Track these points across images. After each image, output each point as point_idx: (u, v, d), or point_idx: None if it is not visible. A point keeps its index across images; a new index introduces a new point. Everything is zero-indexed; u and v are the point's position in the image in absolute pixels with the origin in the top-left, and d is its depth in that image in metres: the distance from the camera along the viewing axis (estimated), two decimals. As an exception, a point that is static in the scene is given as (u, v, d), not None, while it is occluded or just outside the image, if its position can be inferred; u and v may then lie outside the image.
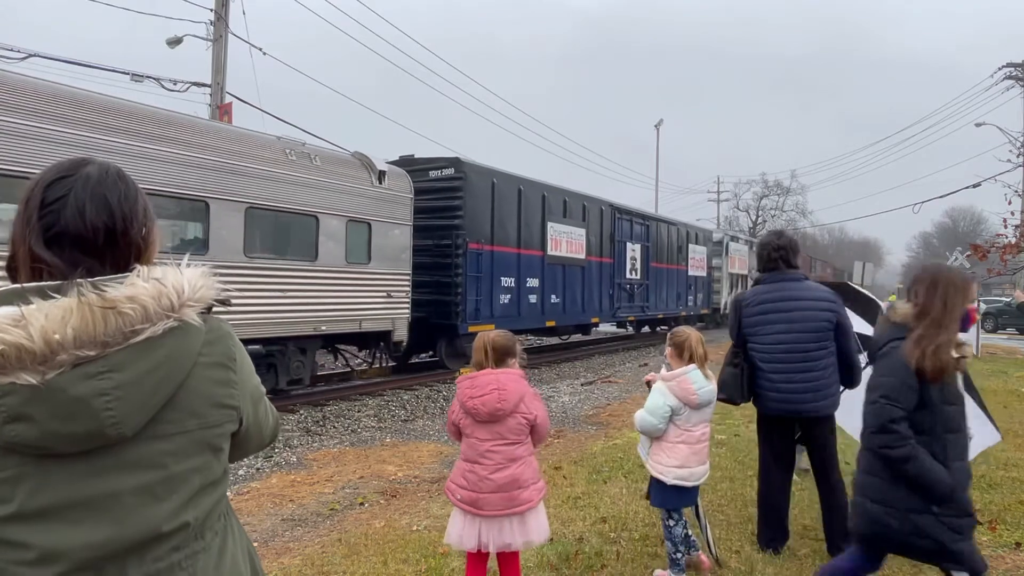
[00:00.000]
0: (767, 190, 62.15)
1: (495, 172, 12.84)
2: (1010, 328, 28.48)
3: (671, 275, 21.11)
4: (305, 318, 8.89)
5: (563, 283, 14.85)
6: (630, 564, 3.62)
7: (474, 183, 12.09)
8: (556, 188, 15.06)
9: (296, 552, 3.94)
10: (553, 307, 14.54)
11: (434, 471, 5.87)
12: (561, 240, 14.75)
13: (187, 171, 7.58)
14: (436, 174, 12.05)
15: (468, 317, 11.76)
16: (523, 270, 13.43)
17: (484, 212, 12.36)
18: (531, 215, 13.74)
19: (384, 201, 10.25)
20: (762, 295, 3.81)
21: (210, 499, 1.09)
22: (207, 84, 15.17)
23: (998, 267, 17.92)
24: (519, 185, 13.45)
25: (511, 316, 12.99)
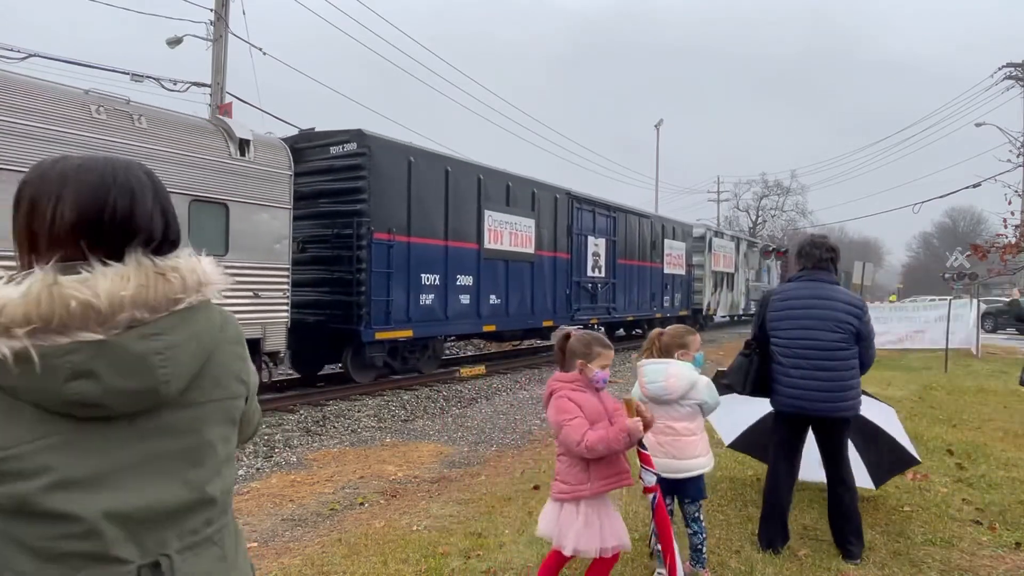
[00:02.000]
0: (767, 190, 62.23)
1: (412, 149, 10.97)
2: (1009, 328, 28.47)
3: (643, 273, 19.05)
4: None
5: (506, 281, 13.02)
6: (630, 564, 3.62)
7: (382, 161, 10.20)
8: (497, 171, 13.12)
9: (296, 552, 3.94)
10: (493, 309, 12.69)
11: (434, 471, 5.87)
12: (503, 232, 12.88)
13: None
14: (337, 150, 10.31)
15: (375, 321, 10.02)
16: (452, 266, 11.58)
17: (397, 196, 10.45)
18: (463, 201, 11.85)
19: (248, 178, 8.31)
20: (792, 291, 3.84)
21: (231, 474, 1.16)
22: (207, 84, 15.17)
23: (998, 267, 17.95)
24: (446, 166, 11.57)
25: (436, 320, 11.31)
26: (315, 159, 10.42)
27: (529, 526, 4.19)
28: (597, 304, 16.59)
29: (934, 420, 7.87)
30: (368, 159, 10.00)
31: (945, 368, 13.35)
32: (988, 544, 4.02)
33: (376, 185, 10.08)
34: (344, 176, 10.19)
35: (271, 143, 8.97)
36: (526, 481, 5.29)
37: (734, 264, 26.84)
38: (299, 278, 9.90)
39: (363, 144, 10.03)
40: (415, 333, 10.79)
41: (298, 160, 9.92)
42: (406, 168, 10.64)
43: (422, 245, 10.98)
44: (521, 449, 6.78)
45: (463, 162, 12.17)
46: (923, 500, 4.80)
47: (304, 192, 10.16)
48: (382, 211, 10.17)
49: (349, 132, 10.24)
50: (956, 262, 18.39)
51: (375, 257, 10.00)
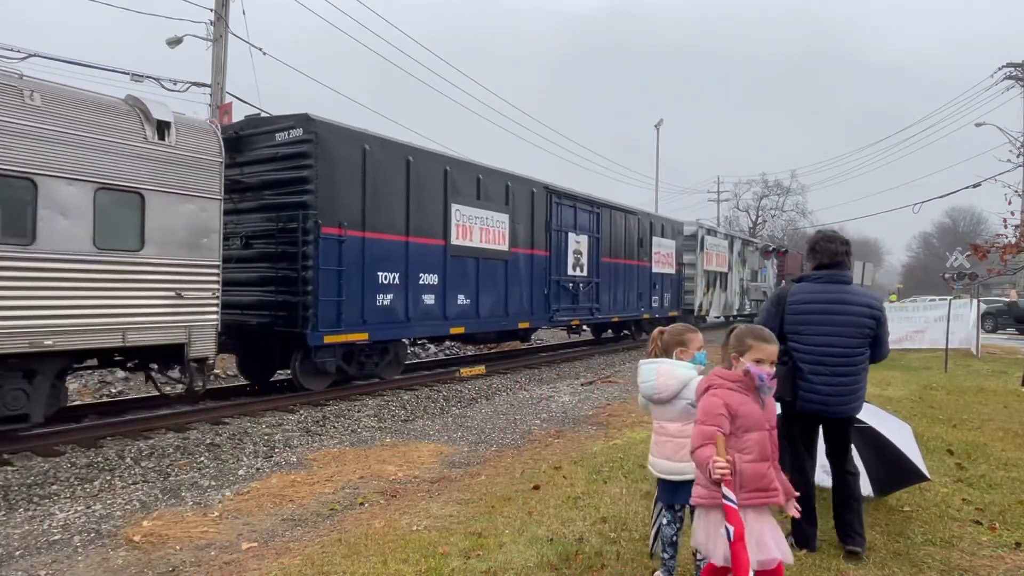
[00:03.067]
0: (767, 190, 62.24)
1: (368, 136, 9.95)
2: (1009, 328, 28.48)
3: (629, 272, 18.05)
4: (16, 328, 6.21)
5: (476, 281, 12.08)
6: (630, 564, 3.62)
7: (332, 149, 9.27)
8: (466, 162, 12.20)
9: (296, 552, 3.94)
10: (462, 310, 11.76)
11: (434, 471, 5.88)
12: (472, 227, 11.95)
13: None
14: (282, 136, 9.39)
15: (323, 323, 9.12)
16: (414, 263, 10.67)
17: (349, 187, 9.52)
18: (427, 194, 10.94)
19: (170, 164, 7.42)
20: (811, 294, 3.80)
21: None
22: (207, 84, 15.18)
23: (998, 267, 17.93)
24: (407, 155, 10.58)
25: (395, 322, 10.42)
26: (261, 147, 9.56)
27: (529, 526, 4.20)
28: (579, 304, 15.66)
29: (934, 420, 7.87)
30: (315, 146, 9.05)
31: (945, 368, 13.35)
32: (988, 544, 4.03)
33: (324, 175, 9.15)
34: (289, 165, 9.27)
35: (197, 126, 8.03)
36: (526, 481, 5.29)
37: (728, 263, 25.99)
38: (243, 276, 9.41)
39: (310, 130, 9.09)
40: (371, 336, 9.96)
41: (244, 148, 9.51)
42: (360, 157, 9.67)
43: (379, 241, 10.04)
44: (521, 449, 6.78)
45: (427, 152, 11.26)
46: (923, 500, 4.80)
47: (250, 183, 9.54)
48: (331, 203, 9.23)
49: (295, 117, 9.38)
50: (956, 262, 18.40)
51: (323, 253, 9.08)
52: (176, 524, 4.52)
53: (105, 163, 6.91)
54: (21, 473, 5.92)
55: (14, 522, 4.62)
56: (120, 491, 5.45)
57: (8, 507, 5.06)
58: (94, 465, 6.25)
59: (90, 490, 5.56)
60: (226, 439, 7.34)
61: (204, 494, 5.27)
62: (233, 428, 7.84)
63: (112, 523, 4.57)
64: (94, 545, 4.17)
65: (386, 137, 10.39)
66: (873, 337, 3.75)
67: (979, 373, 13.02)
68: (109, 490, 5.54)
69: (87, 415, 8.27)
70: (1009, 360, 15.83)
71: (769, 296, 4.06)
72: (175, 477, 5.92)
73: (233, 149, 9.33)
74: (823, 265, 3.87)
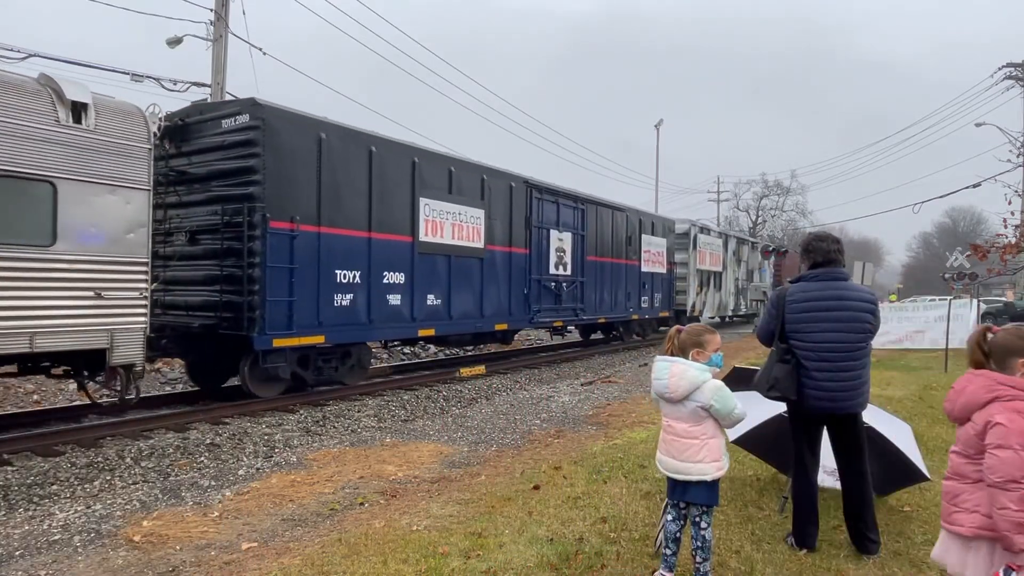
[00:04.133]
0: (767, 190, 62.28)
1: (324, 124, 9.27)
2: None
3: (617, 271, 17.34)
4: None
5: (448, 280, 11.45)
6: (630, 564, 3.62)
7: (282, 137, 8.58)
8: (437, 154, 11.55)
9: (296, 552, 3.94)
10: (431, 311, 11.09)
11: (434, 471, 5.88)
12: (443, 223, 11.29)
13: None
14: (228, 123, 8.72)
15: (272, 325, 8.42)
16: (378, 261, 9.99)
17: (302, 179, 8.84)
18: (392, 187, 10.25)
19: (88, 150, 6.70)
20: (810, 292, 3.85)
21: None
22: (207, 84, 15.18)
23: (998, 267, 17.95)
24: (369, 145, 9.86)
25: (356, 324, 9.71)
26: (208, 135, 8.89)
27: (529, 526, 4.20)
28: (562, 305, 14.97)
29: (934, 420, 7.86)
30: (262, 133, 8.37)
31: (945, 368, 13.35)
32: (988, 544, 4.02)
33: (273, 165, 8.44)
34: (236, 154, 8.59)
35: (120, 109, 7.16)
36: (526, 481, 5.29)
37: (722, 262, 25.32)
38: (189, 275, 8.94)
39: (257, 116, 8.41)
40: (328, 339, 9.33)
41: (190, 136, 8.98)
42: (315, 146, 9.01)
43: (337, 237, 9.35)
44: (521, 449, 6.78)
45: (392, 142, 10.49)
46: (923, 500, 4.80)
47: (197, 173, 8.93)
48: (281, 196, 8.55)
49: (241, 102, 8.84)
50: (956, 262, 18.41)
51: (272, 250, 8.38)
52: (176, 524, 4.52)
53: (8, 147, 6.13)
54: (21, 473, 5.92)
55: (14, 522, 4.61)
56: (120, 491, 5.45)
57: (8, 507, 5.06)
58: (94, 465, 6.25)
59: (90, 490, 5.57)
60: (226, 439, 7.34)
61: (204, 494, 5.27)
62: (233, 428, 7.84)
63: (112, 523, 4.57)
64: (94, 545, 4.17)
65: (345, 125, 9.67)
66: (872, 330, 3.81)
67: (979, 373, 13.00)
68: (109, 490, 5.54)
69: (87, 415, 8.27)
70: (1009, 360, 15.81)
71: (769, 297, 4.08)
72: (175, 477, 5.92)
73: (180, 137, 9.03)
74: (817, 264, 3.94)
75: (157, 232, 8.84)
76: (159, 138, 8.67)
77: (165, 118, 8.67)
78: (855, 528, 3.84)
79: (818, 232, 4.08)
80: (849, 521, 3.88)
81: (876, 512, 3.93)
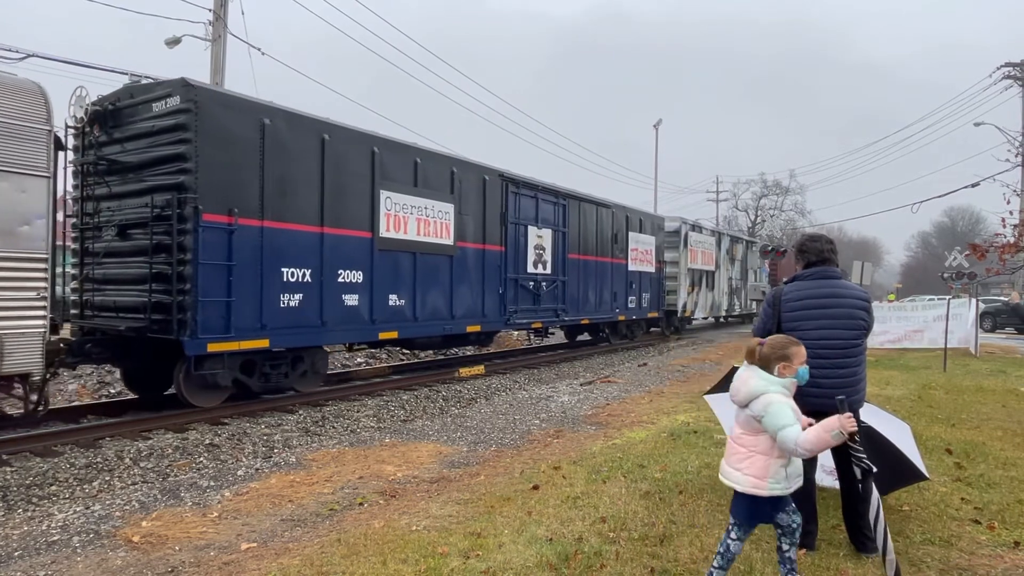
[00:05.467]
0: (766, 190, 62.32)
1: (268, 109, 8.55)
2: (1008, 327, 28.52)
3: (602, 270, 16.61)
4: None
5: (413, 279, 10.69)
6: (629, 564, 3.62)
7: (218, 121, 7.85)
8: (400, 144, 10.67)
9: (295, 552, 3.94)
10: (394, 312, 10.35)
11: (433, 471, 5.87)
12: (407, 218, 10.52)
13: None
14: (159, 107, 7.95)
15: (205, 328, 7.71)
16: (331, 258, 9.25)
17: (243, 168, 8.10)
18: (349, 179, 9.50)
19: None
20: (804, 290, 3.90)
21: None
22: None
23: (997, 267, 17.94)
24: (322, 133, 9.11)
25: (307, 326, 8.94)
26: (139, 119, 8.14)
27: (528, 526, 4.20)
28: (541, 305, 14.17)
29: (933, 419, 7.87)
30: (194, 117, 7.64)
31: (944, 367, 13.36)
32: (987, 543, 4.03)
33: (207, 152, 7.71)
34: (166, 140, 7.84)
35: (11, 85, 6.43)
36: (525, 481, 5.29)
37: (715, 261, 24.60)
38: (118, 273, 8.27)
39: (188, 98, 7.69)
40: (273, 343, 8.58)
41: (122, 121, 8.30)
42: (257, 132, 8.27)
43: (284, 232, 8.60)
44: (520, 449, 6.78)
45: (348, 129, 9.63)
46: (922, 499, 4.80)
47: (129, 161, 8.19)
48: (217, 186, 7.82)
49: (171, 82, 7.98)
50: (955, 262, 18.41)
51: (205, 245, 7.68)
52: (175, 524, 4.51)
53: None
54: (20, 474, 5.92)
55: (13, 523, 4.61)
56: (119, 491, 5.45)
57: (7, 508, 5.06)
58: (93, 466, 6.24)
59: (89, 491, 5.56)
60: (225, 439, 7.34)
61: (203, 494, 5.26)
62: (232, 428, 7.84)
63: (111, 523, 4.57)
64: (93, 546, 4.17)
65: (293, 110, 8.92)
66: (867, 327, 3.87)
67: (978, 372, 13.03)
68: (108, 490, 5.54)
69: (86, 416, 8.26)
70: (1008, 359, 15.85)
71: (766, 298, 4.11)
72: (174, 477, 5.92)
73: (111, 123, 8.36)
74: (812, 263, 4.00)
75: (87, 226, 8.48)
76: (88, 124, 8.12)
77: (95, 102, 8.22)
78: (854, 527, 3.85)
79: (811, 233, 4.18)
80: (848, 521, 3.89)
81: (875, 511, 3.92)
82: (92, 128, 8.38)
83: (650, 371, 13.44)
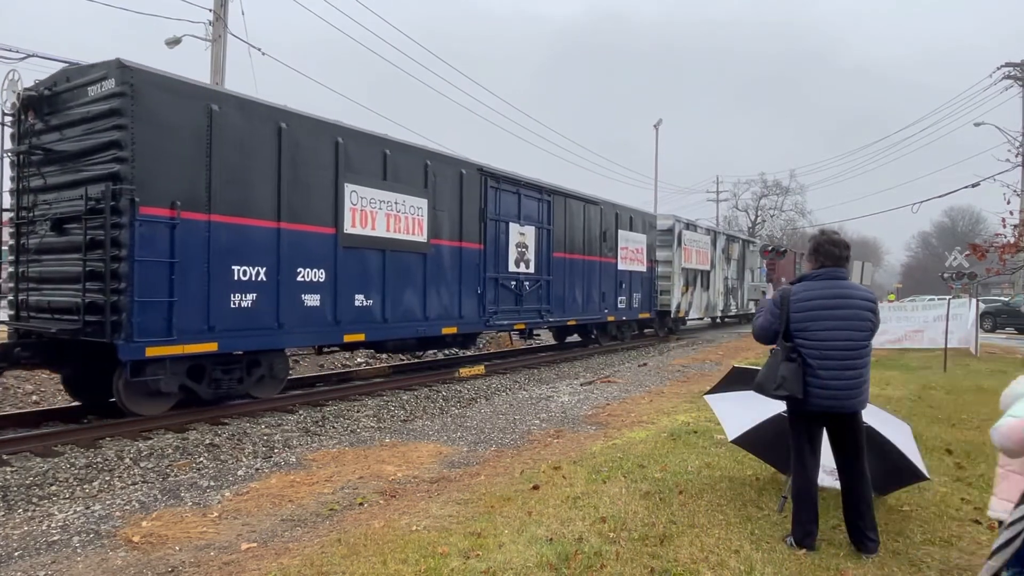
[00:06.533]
0: (766, 190, 62.35)
1: (217, 94, 8.09)
2: (1008, 327, 28.53)
3: (589, 269, 16.03)
4: None
5: (382, 278, 10.05)
6: (629, 564, 3.62)
7: (157, 106, 7.21)
8: (367, 134, 9.97)
9: (295, 552, 3.94)
10: (361, 313, 9.70)
11: (433, 471, 5.87)
12: (375, 213, 9.88)
13: None
14: (95, 91, 7.32)
15: (142, 331, 7.05)
16: (289, 256, 8.58)
17: (187, 157, 7.48)
18: (308, 171, 8.84)
19: None
20: (814, 291, 3.88)
21: None
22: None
23: (997, 266, 17.96)
24: (278, 121, 8.49)
25: (260, 328, 8.25)
26: (76, 105, 7.55)
27: (528, 526, 4.20)
28: (524, 306, 13.56)
29: (933, 420, 7.87)
30: (131, 102, 7.00)
31: (944, 367, 13.36)
32: (987, 543, 4.02)
33: (146, 139, 7.09)
34: (101, 126, 7.22)
35: None
36: (525, 481, 5.29)
37: (710, 260, 23.97)
38: (52, 271, 7.72)
39: (123, 80, 7.04)
40: (223, 347, 7.91)
41: (59, 107, 7.74)
42: (204, 119, 7.65)
43: (235, 227, 7.96)
44: (520, 449, 6.78)
45: (308, 118, 9.00)
46: (922, 500, 4.80)
47: (65, 151, 7.60)
48: (157, 177, 7.20)
49: (106, 64, 7.28)
50: (955, 262, 18.43)
51: (142, 241, 7.06)
52: (175, 524, 4.52)
53: None
54: (20, 474, 5.92)
55: (13, 523, 4.61)
56: (119, 491, 5.45)
57: (7, 508, 5.06)
58: (93, 466, 6.24)
59: (89, 491, 5.56)
60: (225, 439, 7.34)
61: (203, 494, 5.26)
62: (232, 428, 7.84)
63: (111, 523, 4.57)
64: (93, 546, 4.17)
65: (244, 96, 8.34)
66: (873, 329, 3.87)
67: (978, 373, 13.03)
68: (108, 490, 5.54)
69: (86, 416, 8.26)
70: (1008, 359, 15.85)
71: (771, 297, 4.08)
72: (174, 477, 5.92)
73: (47, 109, 7.80)
74: (825, 266, 3.95)
75: (23, 221, 8.00)
76: (22, 110, 7.64)
77: (30, 87, 7.75)
78: (854, 527, 3.85)
79: (831, 236, 4.03)
80: (848, 520, 3.89)
81: (875, 511, 3.93)
82: (27, 115, 7.85)
83: (650, 371, 13.44)
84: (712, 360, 15.55)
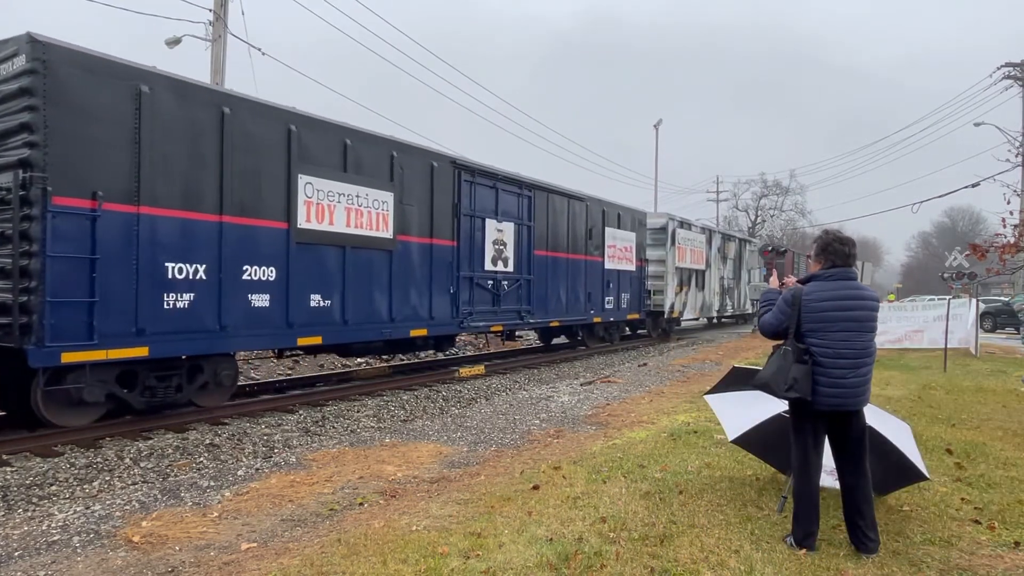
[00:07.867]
0: (766, 190, 62.36)
1: (148, 74, 7.17)
2: (1008, 327, 28.52)
3: (574, 268, 15.33)
4: None
5: (342, 277, 9.33)
6: (630, 564, 3.62)
7: (75, 86, 6.50)
8: (324, 122, 9.21)
9: (295, 552, 3.94)
10: (317, 314, 8.96)
11: (433, 471, 5.87)
12: (333, 207, 9.17)
13: None
14: (6, 69, 6.56)
15: (57, 335, 6.33)
16: (233, 252, 7.88)
17: (111, 143, 6.77)
18: (256, 160, 8.14)
19: None
20: (827, 292, 3.88)
21: None
22: (206, 84, 15.19)
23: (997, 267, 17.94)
24: (221, 105, 7.83)
25: (199, 331, 7.57)
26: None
27: (528, 526, 4.20)
28: (501, 307, 12.82)
29: (933, 419, 7.87)
30: (43, 80, 6.29)
31: (944, 367, 13.36)
32: (987, 543, 4.03)
33: (60, 122, 6.39)
34: (12, 108, 6.47)
35: None
36: (525, 481, 5.29)
37: (705, 260, 23.42)
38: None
39: (35, 57, 6.28)
40: (155, 351, 7.20)
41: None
42: (132, 101, 6.93)
43: (168, 220, 7.27)
44: (520, 449, 6.78)
45: (256, 103, 8.31)
46: (922, 499, 4.80)
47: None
48: (74, 164, 6.51)
49: (16, 39, 6.50)
50: (955, 262, 18.42)
51: (56, 234, 6.34)
52: (175, 524, 4.52)
53: None
54: (20, 474, 5.92)
55: (13, 523, 4.61)
56: (119, 491, 5.45)
57: (7, 508, 5.06)
58: (93, 466, 6.24)
59: (89, 491, 5.56)
60: (225, 439, 7.34)
61: (203, 494, 5.26)
62: (232, 428, 7.84)
63: (111, 523, 4.57)
64: (93, 546, 4.17)
65: (182, 78, 7.59)
66: (876, 329, 3.93)
67: (978, 373, 13.04)
68: (108, 490, 5.54)
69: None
70: (1008, 359, 15.85)
71: (784, 297, 4.04)
72: (174, 477, 5.92)
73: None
74: (835, 265, 3.94)
75: None
76: None
77: None
78: (854, 527, 3.85)
79: (839, 235, 4.03)
80: (848, 520, 3.89)
81: (875, 511, 3.93)
82: None
83: (650, 371, 13.44)
84: (712, 360, 15.55)
